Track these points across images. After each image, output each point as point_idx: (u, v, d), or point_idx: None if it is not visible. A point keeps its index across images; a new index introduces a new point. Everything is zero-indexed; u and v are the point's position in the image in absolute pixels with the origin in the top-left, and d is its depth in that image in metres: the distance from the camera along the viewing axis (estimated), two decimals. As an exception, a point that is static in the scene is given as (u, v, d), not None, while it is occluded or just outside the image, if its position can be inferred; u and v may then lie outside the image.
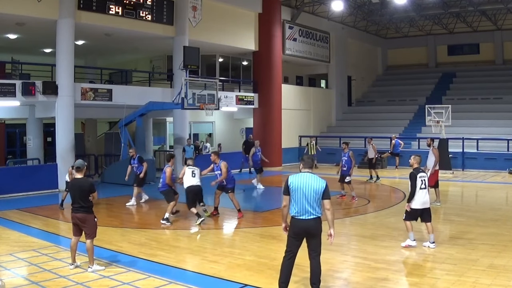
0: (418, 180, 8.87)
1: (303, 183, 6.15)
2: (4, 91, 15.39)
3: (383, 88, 34.62)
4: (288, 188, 6.21)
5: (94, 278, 7.20)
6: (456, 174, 20.86)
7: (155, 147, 24.13)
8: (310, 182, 6.16)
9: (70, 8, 16.37)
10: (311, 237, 6.21)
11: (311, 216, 6.12)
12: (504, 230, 10.26)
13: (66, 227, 10.06)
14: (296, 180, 6.21)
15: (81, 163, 7.81)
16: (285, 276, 6.27)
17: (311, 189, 6.11)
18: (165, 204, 11.67)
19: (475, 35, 33.20)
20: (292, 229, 6.23)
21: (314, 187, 6.13)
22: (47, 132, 21.43)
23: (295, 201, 6.15)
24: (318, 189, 6.13)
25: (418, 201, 8.90)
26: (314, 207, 6.12)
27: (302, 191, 6.11)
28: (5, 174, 15.93)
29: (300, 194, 6.11)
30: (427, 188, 8.94)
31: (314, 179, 6.19)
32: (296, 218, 6.17)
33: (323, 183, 6.19)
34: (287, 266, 6.27)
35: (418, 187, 8.87)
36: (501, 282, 6.86)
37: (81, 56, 22.38)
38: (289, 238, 6.29)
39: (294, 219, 6.20)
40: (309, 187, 6.12)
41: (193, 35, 20.43)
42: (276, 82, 24.58)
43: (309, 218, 6.13)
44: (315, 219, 6.15)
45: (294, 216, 6.18)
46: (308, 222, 6.13)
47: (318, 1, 26.41)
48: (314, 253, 6.27)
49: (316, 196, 6.12)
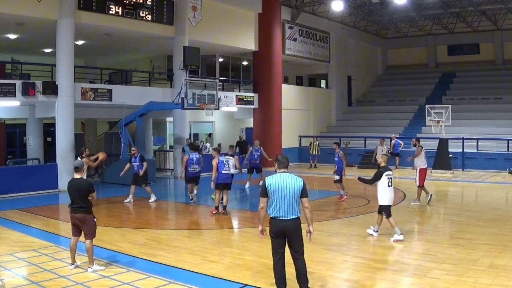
0: (385, 178, 9.25)
1: (282, 183, 6.11)
2: (4, 91, 15.38)
3: (383, 88, 34.62)
4: (266, 189, 6.16)
5: (94, 278, 7.20)
6: (456, 174, 20.85)
7: (155, 147, 24.13)
8: (288, 181, 6.13)
9: (70, 8, 16.36)
10: (292, 237, 6.17)
11: (290, 216, 6.10)
12: (504, 230, 10.25)
13: (66, 227, 10.05)
14: (274, 181, 6.15)
15: (79, 163, 7.80)
16: (280, 278, 6.24)
17: (290, 188, 6.09)
18: (165, 204, 11.66)
19: (475, 35, 33.20)
20: (272, 229, 6.19)
21: (293, 186, 6.11)
22: (47, 132, 21.43)
23: (274, 202, 6.12)
24: (296, 188, 6.11)
25: (386, 198, 9.31)
26: (294, 206, 6.11)
27: (281, 192, 6.08)
28: (5, 174, 15.91)
29: (279, 195, 6.08)
30: (393, 186, 9.34)
31: (291, 179, 6.17)
32: (276, 218, 6.14)
33: (301, 181, 6.18)
34: (280, 268, 6.23)
35: (386, 184, 9.25)
36: (501, 282, 6.86)
37: (81, 56, 22.39)
38: (272, 240, 6.25)
39: (274, 220, 6.17)
40: (287, 187, 6.09)
41: (193, 35, 20.43)
42: (276, 82, 24.58)
43: (289, 218, 6.10)
44: (294, 219, 6.13)
45: (274, 217, 6.15)
46: (287, 222, 6.10)
47: (318, 1, 26.42)
48: (297, 254, 6.24)
49: (295, 195, 6.10)
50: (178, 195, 16.81)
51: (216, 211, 12.33)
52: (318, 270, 7.57)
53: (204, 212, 13.11)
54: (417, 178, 13.45)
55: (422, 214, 12.42)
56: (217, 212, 12.28)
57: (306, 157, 25.68)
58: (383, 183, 9.28)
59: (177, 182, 19.55)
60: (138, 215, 12.79)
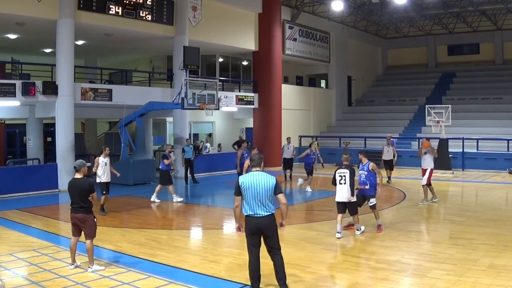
0: (337, 175, 9.63)
1: (254, 181, 6.27)
2: (4, 91, 15.37)
3: (383, 88, 34.61)
4: (240, 188, 6.31)
5: (94, 278, 7.20)
6: (456, 174, 20.86)
7: (155, 147, 24.13)
8: (261, 179, 6.28)
9: (70, 8, 16.35)
10: (267, 234, 6.32)
11: (264, 213, 6.25)
12: (504, 230, 10.25)
13: (66, 227, 10.05)
14: (246, 179, 6.33)
15: (79, 164, 7.78)
16: (255, 275, 6.37)
17: (262, 186, 6.24)
18: (165, 204, 11.66)
19: (475, 35, 33.19)
20: (247, 227, 6.33)
21: (265, 184, 6.25)
22: (47, 132, 21.43)
23: (247, 200, 6.28)
24: (268, 186, 6.25)
25: (338, 195, 9.71)
26: (267, 203, 6.25)
27: (253, 190, 6.24)
28: (5, 174, 15.91)
29: (252, 193, 6.24)
30: (347, 184, 9.55)
31: (264, 177, 6.32)
32: (250, 216, 6.28)
33: (273, 179, 6.33)
34: (254, 265, 6.35)
35: (338, 181, 9.64)
36: (501, 282, 6.86)
37: (81, 56, 22.38)
38: (247, 237, 6.39)
39: (248, 218, 6.31)
40: (259, 185, 6.24)
41: (193, 35, 20.43)
42: (276, 82, 24.57)
43: (263, 215, 6.25)
44: (269, 215, 6.28)
45: (248, 215, 6.30)
46: (261, 219, 6.25)
47: (318, 1, 26.40)
48: (274, 250, 6.38)
49: (268, 193, 6.25)
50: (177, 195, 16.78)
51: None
52: (318, 270, 7.58)
53: (205, 212, 13.10)
54: (426, 177, 13.38)
55: (422, 214, 12.42)
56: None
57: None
58: (336, 181, 9.67)
59: (177, 182, 19.55)
60: (138, 215, 12.78)
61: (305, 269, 7.37)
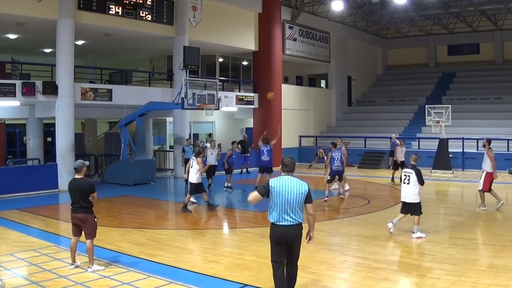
0: (402, 174, 9.83)
1: (286, 187, 5.78)
2: (4, 91, 15.36)
3: (383, 88, 34.61)
4: (269, 191, 5.81)
5: (94, 278, 7.20)
6: (456, 174, 20.85)
7: (155, 147, 24.13)
8: (293, 185, 5.81)
9: (70, 8, 16.35)
10: (292, 244, 5.87)
11: (293, 222, 5.79)
12: (504, 230, 10.26)
13: (66, 227, 10.05)
14: (277, 184, 5.82)
15: (79, 164, 7.77)
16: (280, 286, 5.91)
17: (294, 193, 5.77)
18: (165, 204, 11.65)
19: (475, 35, 33.19)
20: (273, 236, 5.86)
21: (297, 191, 5.79)
22: (47, 132, 21.43)
23: (276, 207, 5.79)
24: (301, 193, 5.79)
25: (401, 194, 9.89)
26: (296, 211, 5.80)
27: (284, 196, 5.75)
28: (5, 174, 15.89)
29: (282, 199, 5.75)
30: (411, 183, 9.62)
31: (296, 183, 5.84)
32: (277, 224, 5.81)
33: (305, 186, 5.87)
34: (281, 277, 5.90)
35: (402, 181, 9.82)
36: (501, 282, 6.86)
37: (81, 56, 22.37)
38: (272, 247, 5.93)
39: (275, 226, 5.84)
40: (292, 191, 5.77)
41: (193, 35, 20.43)
42: (276, 82, 24.56)
43: (291, 224, 5.78)
44: (297, 225, 5.83)
45: (274, 222, 5.83)
46: (289, 228, 5.79)
47: (318, 1, 26.41)
48: (291, 260, 5.97)
49: (299, 200, 5.79)
50: (178, 195, 16.80)
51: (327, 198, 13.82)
52: (318, 270, 7.58)
53: (205, 212, 13.09)
54: (482, 182, 12.69)
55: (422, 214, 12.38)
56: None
57: (307, 157, 25.67)
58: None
59: (177, 182, 19.56)
60: (138, 215, 12.78)
61: (305, 269, 7.36)
